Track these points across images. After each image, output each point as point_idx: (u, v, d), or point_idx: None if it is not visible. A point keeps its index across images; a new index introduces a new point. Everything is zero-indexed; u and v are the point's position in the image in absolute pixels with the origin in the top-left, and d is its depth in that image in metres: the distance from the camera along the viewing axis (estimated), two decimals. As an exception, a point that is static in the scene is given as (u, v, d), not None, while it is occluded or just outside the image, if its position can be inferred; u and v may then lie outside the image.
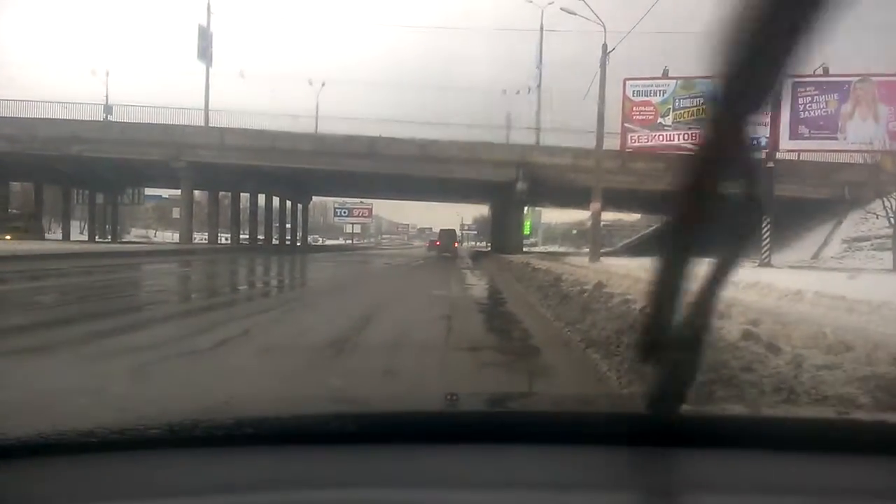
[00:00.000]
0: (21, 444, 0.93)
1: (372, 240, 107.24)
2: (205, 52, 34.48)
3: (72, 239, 40.44)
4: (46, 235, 41.29)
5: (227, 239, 42.90)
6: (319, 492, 0.83)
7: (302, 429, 1.02)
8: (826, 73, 23.10)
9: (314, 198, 57.25)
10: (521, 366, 5.53)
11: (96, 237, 44.22)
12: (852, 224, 23.54)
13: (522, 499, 0.81)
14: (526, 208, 36.09)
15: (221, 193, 42.69)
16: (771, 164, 21.69)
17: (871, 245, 20.95)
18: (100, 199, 46.79)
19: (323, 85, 41.30)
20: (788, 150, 24.00)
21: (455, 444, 0.96)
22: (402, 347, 6.06)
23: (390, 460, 0.93)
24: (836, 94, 22.60)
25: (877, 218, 19.46)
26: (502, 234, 37.53)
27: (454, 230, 48.24)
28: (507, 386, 4.69)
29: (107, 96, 36.31)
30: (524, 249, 32.82)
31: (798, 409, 1.53)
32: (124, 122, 32.39)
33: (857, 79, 22.88)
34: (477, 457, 0.94)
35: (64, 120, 31.59)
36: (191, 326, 7.06)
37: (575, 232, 78.25)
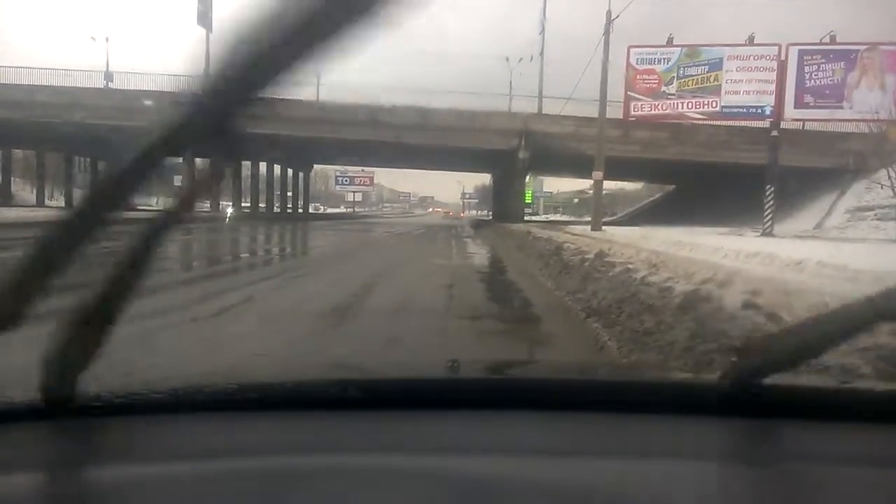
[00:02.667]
0: (26, 407, 0.94)
1: (374, 208, 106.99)
2: (204, 17, 33.97)
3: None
4: (47, 202, 41.23)
5: (229, 208, 42.82)
6: (321, 457, 0.83)
7: (304, 394, 1.02)
8: (833, 41, 22.75)
9: (315, 166, 57.06)
10: (521, 334, 5.57)
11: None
12: (856, 194, 23.44)
13: (525, 464, 0.82)
14: (528, 177, 35.91)
15: (222, 161, 42.46)
16: (775, 133, 21.54)
17: (875, 215, 20.89)
18: (101, 166, 46.62)
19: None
20: (793, 119, 23.77)
21: (456, 409, 0.97)
22: (403, 315, 6.10)
23: (392, 426, 0.93)
24: (842, 63, 22.26)
25: (881, 188, 19.37)
26: (504, 202, 37.44)
27: (459, 203, 48.59)
28: (508, 353, 4.73)
29: (107, 63, 35.97)
30: (525, 218, 32.78)
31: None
32: (125, 90, 32.12)
33: (864, 47, 22.52)
34: (478, 423, 0.94)
35: (65, 87, 31.37)
36: (195, 294, 7.09)
37: (577, 201, 78.08)
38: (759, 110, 22.64)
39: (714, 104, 23.25)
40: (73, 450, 0.89)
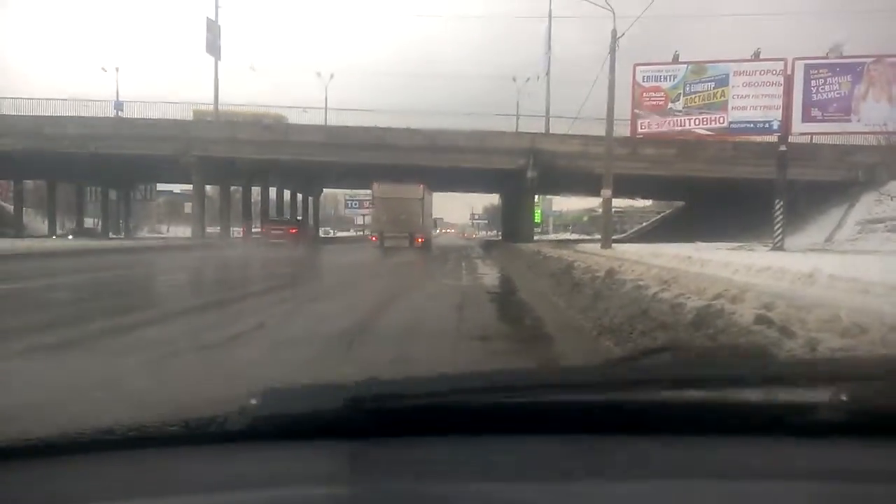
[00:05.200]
0: (43, 443, 0.94)
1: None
2: (213, 46, 34.54)
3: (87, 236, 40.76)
4: (58, 232, 41.63)
5: (238, 233, 43.08)
6: (335, 487, 0.82)
7: (315, 423, 1.00)
8: (839, 54, 22.79)
9: (325, 190, 57.40)
10: (533, 353, 5.55)
11: (110, 234, 44.58)
12: (866, 206, 23.31)
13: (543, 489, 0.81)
14: (536, 196, 35.96)
15: (233, 187, 42.91)
16: (783, 148, 21.50)
17: (886, 227, 20.76)
18: (112, 195, 47.13)
19: (332, 77, 41.32)
20: (801, 133, 23.74)
21: (456, 434, 0.96)
22: (414, 336, 6.10)
23: (406, 454, 0.93)
24: (849, 76, 22.26)
25: (891, 200, 19.28)
26: (513, 222, 37.47)
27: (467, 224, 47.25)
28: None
29: (117, 93, 36.61)
30: (535, 238, 32.76)
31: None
32: (135, 119, 32.57)
33: (871, 60, 22.53)
34: (492, 447, 0.93)
35: (76, 117, 31.82)
36: (207, 320, 7.14)
37: (586, 219, 77.95)
38: (767, 125, 22.62)
39: (721, 120, 23.26)
40: (88, 484, 0.89)
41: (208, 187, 40.24)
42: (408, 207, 29.01)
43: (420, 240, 29.09)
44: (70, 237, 35.02)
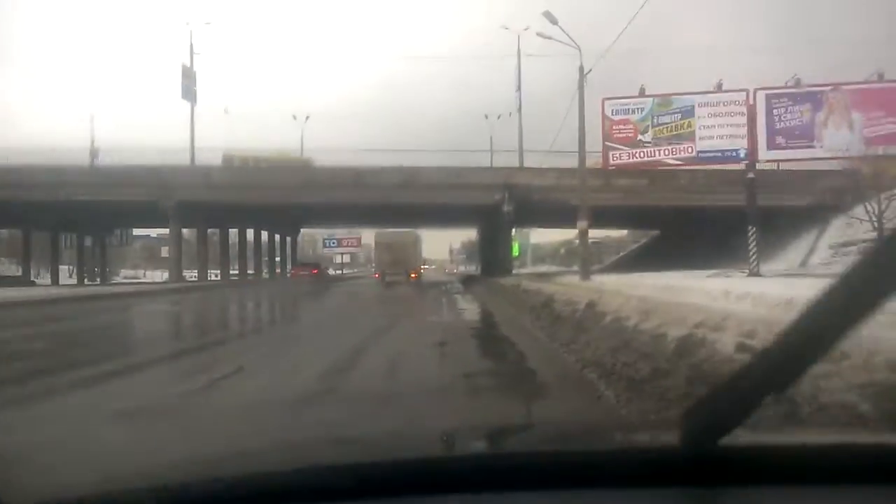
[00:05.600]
0: None
1: (362, 269, 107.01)
2: (188, 91, 34.70)
3: (60, 283, 40.02)
4: (35, 281, 40.84)
5: (216, 276, 42.63)
6: None
7: (297, 485, 0.98)
8: (798, 84, 23.57)
9: (303, 230, 57.25)
10: (519, 389, 5.54)
11: (85, 280, 43.84)
12: (837, 230, 23.82)
13: None
14: (514, 230, 36.23)
15: (210, 230, 42.63)
16: (751, 175, 22.00)
17: (858, 249, 21.19)
18: (88, 241, 46.48)
19: (307, 118, 41.62)
20: (767, 161, 24.35)
21: (454, 492, 0.94)
22: (398, 375, 6.07)
23: None
24: (809, 104, 23.01)
25: (860, 223, 19.72)
26: (491, 256, 37.63)
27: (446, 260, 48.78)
28: (505, 411, 4.69)
29: (92, 140, 36.34)
30: (514, 271, 32.89)
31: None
32: (111, 166, 32.37)
33: (829, 88, 23.33)
34: None
35: (51, 165, 31.44)
36: (185, 366, 7.03)
37: (563, 251, 78.51)
38: (734, 153, 23.19)
39: (690, 150, 23.80)
40: None
41: (185, 230, 39.94)
42: (404, 250, 36.18)
43: (414, 276, 35.44)
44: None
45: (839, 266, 20.03)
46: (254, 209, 34.61)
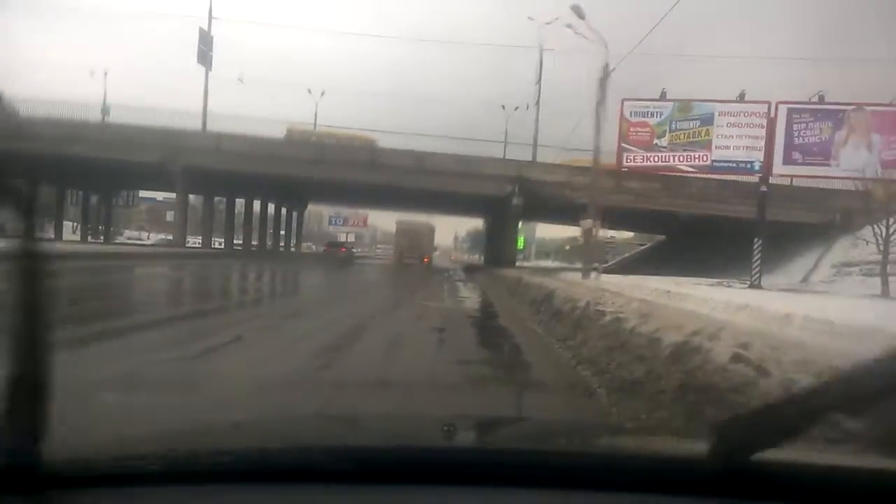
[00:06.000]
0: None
1: (367, 249, 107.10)
2: (205, 56, 34.57)
3: (64, 239, 40.19)
4: (38, 235, 40.89)
5: (220, 244, 42.70)
6: None
7: (294, 466, 0.99)
8: (822, 100, 23.41)
9: (309, 205, 57.27)
10: (512, 380, 5.57)
11: (89, 237, 43.99)
12: (842, 249, 23.72)
13: None
14: (520, 223, 36.18)
15: (216, 198, 42.66)
16: (764, 188, 21.91)
17: (860, 270, 21.12)
18: (93, 200, 46.60)
19: (322, 94, 41.41)
20: (781, 175, 24.25)
21: (452, 485, 0.95)
22: (395, 359, 6.10)
23: (389, 501, 0.93)
24: (830, 122, 22.88)
25: (866, 244, 19.63)
26: (496, 247, 37.61)
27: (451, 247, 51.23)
28: (499, 400, 4.73)
29: (105, 97, 36.21)
30: (517, 264, 32.90)
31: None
32: (121, 124, 32.29)
33: (852, 108, 23.17)
34: (473, 500, 0.93)
35: (62, 119, 31.44)
36: (184, 333, 7.09)
37: (568, 248, 78.45)
38: (749, 165, 23.12)
39: (705, 158, 23.73)
40: None
41: (192, 196, 39.97)
42: (420, 238, 43.38)
43: (426, 259, 42.22)
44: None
45: (839, 285, 20.03)
46: (261, 179, 34.56)
